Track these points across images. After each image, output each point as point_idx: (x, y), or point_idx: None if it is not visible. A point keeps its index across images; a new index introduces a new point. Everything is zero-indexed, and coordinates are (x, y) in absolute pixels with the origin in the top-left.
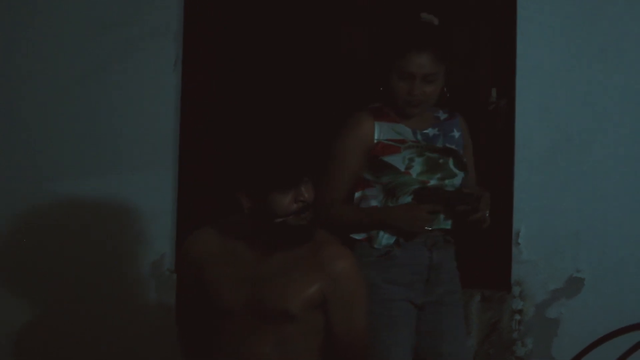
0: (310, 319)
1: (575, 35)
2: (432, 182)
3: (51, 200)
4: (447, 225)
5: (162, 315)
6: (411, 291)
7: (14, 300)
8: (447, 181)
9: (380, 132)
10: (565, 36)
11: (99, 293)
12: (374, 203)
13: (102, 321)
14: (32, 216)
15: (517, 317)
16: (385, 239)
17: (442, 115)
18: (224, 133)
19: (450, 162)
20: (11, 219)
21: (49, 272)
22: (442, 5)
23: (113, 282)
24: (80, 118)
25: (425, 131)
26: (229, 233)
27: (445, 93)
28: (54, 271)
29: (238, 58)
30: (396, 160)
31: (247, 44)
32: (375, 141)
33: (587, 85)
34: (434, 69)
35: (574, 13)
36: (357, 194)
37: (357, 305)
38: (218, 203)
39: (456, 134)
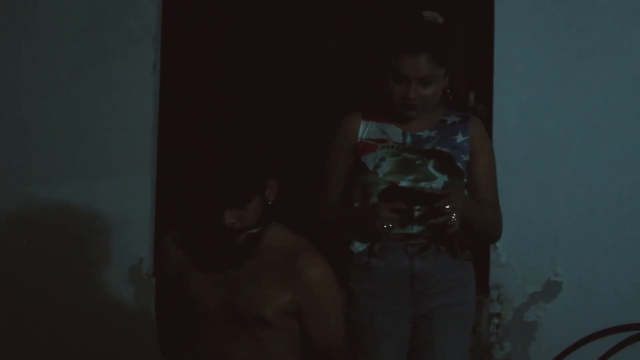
0: (285, 325)
1: (553, 39)
2: (403, 184)
3: (28, 205)
4: (411, 230)
5: (141, 319)
6: (395, 303)
7: None
8: (422, 183)
9: (364, 131)
10: (543, 40)
11: (77, 298)
12: (357, 204)
13: (81, 325)
14: (9, 221)
15: (495, 320)
16: (358, 245)
17: (453, 119)
18: (203, 138)
19: (430, 164)
20: None
21: (26, 276)
22: (418, 8)
23: (91, 287)
24: (57, 122)
25: (418, 133)
26: (204, 236)
27: (447, 95)
28: (32, 275)
29: (217, 62)
30: (368, 159)
31: (226, 48)
32: (358, 140)
33: (565, 88)
34: (430, 71)
35: (552, 17)
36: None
37: (332, 312)
38: (196, 208)
39: (459, 138)
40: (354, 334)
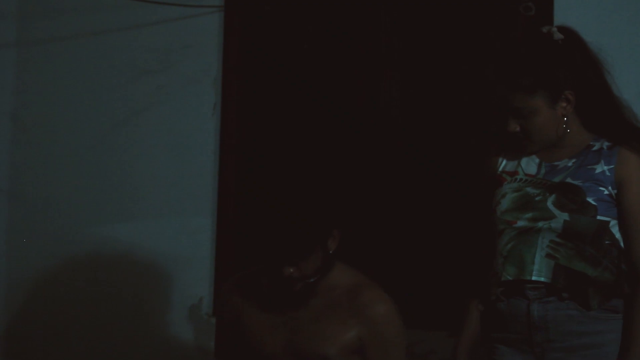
0: None
1: (626, 33)
2: (521, 223)
3: (90, 245)
4: (540, 277)
5: (201, 359)
6: (517, 353)
7: (51, 343)
8: (540, 223)
9: (501, 162)
10: (613, 34)
11: (137, 337)
12: None
13: None
14: (71, 261)
15: None
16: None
17: (601, 145)
18: (263, 178)
19: (550, 199)
20: (50, 264)
21: (89, 317)
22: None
23: (151, 326)
24: (119, 163)
25: (555, 162)
26: (263, 279)
27: (564, 128)
28: (94, 316)
29: (277, 104)
30: (495, 195)
31: (286, 90)
32: (498, 172)
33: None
34: (521, 103)
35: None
36: None
37: (396, 348)
38: (256, 247)
39: (599, 167)
40: None
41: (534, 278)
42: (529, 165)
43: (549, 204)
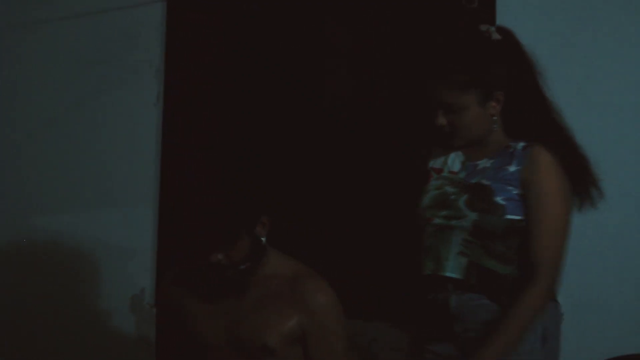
0: (289, 354)
1: (566, 27)
2: (437, 221)
3: (31, 236)
4: (453, 273)
5: (142, 349)
6: (443, 346)
7: None
8: (453, 221)
9: (434, 159)
10: (553, 28)
11: (78, 328)
12: None
13: (82, 355)
14: (12, 252)
15: None
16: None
17: (518, 145)
18: (205, 169)
19: (462, 199)
20: None
21: (28, 305)
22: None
23: (93, 316)
24: (61, 154)
25: (477, 162)
26: (205, 269)
27: (491, 123)
28: (35, 306)
29: (220, 95)
30: (422, 192)
31: (229, 81)
32: (429, 167)
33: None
34: (452, 99)
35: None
36: None
37: (337, 337)
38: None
39: (511, 168)
40: None
41: (447, 274)
42: (455, 162)
43: (461, 203)
